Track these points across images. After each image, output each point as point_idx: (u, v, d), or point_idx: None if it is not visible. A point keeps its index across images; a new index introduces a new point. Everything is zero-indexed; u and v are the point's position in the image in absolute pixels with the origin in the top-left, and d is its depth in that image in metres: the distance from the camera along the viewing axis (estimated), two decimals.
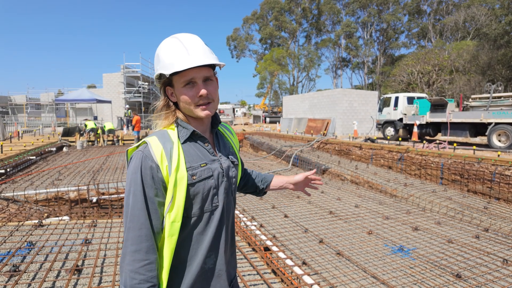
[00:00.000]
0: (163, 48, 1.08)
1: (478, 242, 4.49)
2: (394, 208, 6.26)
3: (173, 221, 1.02)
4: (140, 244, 0.98)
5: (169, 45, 1.08)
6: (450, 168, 7.64)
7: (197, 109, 1.08)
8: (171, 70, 1.03)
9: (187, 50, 1.05)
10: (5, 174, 8.01)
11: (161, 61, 1.07)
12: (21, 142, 13.43)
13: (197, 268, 1.06)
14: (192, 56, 1.04)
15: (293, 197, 7.10)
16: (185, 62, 1.03)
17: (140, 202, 0.99)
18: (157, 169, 1.01)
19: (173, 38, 1.09)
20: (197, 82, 1.06)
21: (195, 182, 1.05)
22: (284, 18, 51.40)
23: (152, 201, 1.00)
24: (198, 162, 1.08)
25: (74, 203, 6.61)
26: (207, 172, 1.08)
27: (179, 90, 1.07)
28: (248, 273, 3.44)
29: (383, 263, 3.86)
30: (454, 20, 37.38)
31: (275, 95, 51.14)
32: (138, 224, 0.98)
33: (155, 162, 1.01)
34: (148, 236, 0.99)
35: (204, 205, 1.07)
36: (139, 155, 1.03)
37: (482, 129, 10.08)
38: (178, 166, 1.02)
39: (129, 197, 1.00)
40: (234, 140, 1.31)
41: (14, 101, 30.67)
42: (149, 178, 1.00)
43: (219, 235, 1.11)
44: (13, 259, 3.49)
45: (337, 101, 16.95)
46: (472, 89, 26.10)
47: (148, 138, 1.07)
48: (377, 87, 45.38)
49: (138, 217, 0.99)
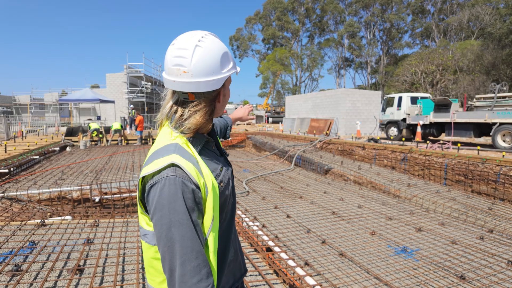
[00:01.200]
0: (225, 47, 1.06)
1: (483, 244, 4.44)
2: (397, 208, 6.22)
3: (215, 235, 0.98)
4: (200, 273, 0.90)
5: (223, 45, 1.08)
6: (454, 169, 7.58)
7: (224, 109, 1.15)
8: (239, 68, 1.10)
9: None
10: (9, 173, 8.05)
11: (232, 60, 1.07)
12: (25, 141, 13.51)
13: (227, 263, 1.10)
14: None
15: (296, 197, 7.08)
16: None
17: (190, 232, 0.90)
18: (198, 191, 0.93)
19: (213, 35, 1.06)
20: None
21: (223, 188, 1.05)
22: (287, 18, 51.35)
23: (198, 224, 0.93)
24: (217, 167, 1.06)
25: (76, 202, 6.63)
26: (226, 175, 1.09)
27: (227, 90, 1.10)
28: (250, 274, 3.42)
29: (386, 264, 3.83)
30: (458, 20, 37.14)
31: (277, 95, 51.08)
32: (193, 254, 0.89)
33: (195, 183, 0.92)
34: (205, 262, 0.92)
35: (229, 206, 1.09)
36: (173, 180, 0.90)
37: (486, 130, 10.00)
38: (211, 180, 0.98)
39: (172, 230, 0.88)
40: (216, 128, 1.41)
41: (18, 101, 30.88)
42: (192, 202, 0.91)
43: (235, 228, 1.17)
44: (15, 259, 3.49)
45: (340, 101, 16.89)
46: (477, 89, 25.93)
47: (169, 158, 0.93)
48: (380, 87, 45.20)
49: (191, 247, 0.89)
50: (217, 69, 0.99)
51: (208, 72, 0.98)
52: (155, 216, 0.90)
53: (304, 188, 7.98)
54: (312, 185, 8.33)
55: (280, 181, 8.83)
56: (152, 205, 0.91)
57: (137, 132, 16.46)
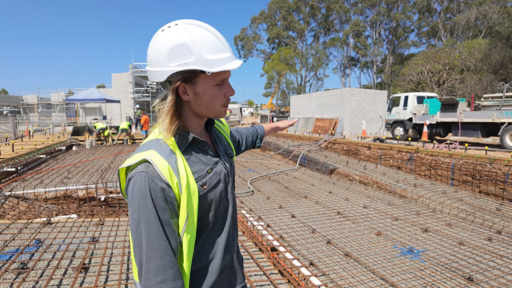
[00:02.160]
0: (198, 40, 0.91)
1: (491, 245, 4.37)
2: (403, 209, 6.15)
3: (191, 238, 0.95)
4: (165, 273, 0.88)
5: (204, 36, 0.93)
6: (461, 169, 7.49)
7: (222, 110, 1.02)
8: (219, 68, 0.92)
9: (224, 45, 0.95)
10: (16, 172, 8.14)
11: (199, 55, 0.91)
12: (32, 141, 13.64)
13: (217, 270, 1.03)
14: (231, 53, 0.96)
15: (301, 197, 7.05)
16: (231, 61, 0.95)
17: (156, 230, 0.88)
18: (168, 189, 0.90)
19: (200, 28, 0.94)
20: (227, 82, 1.00)
21: (207, 192, 0.98)
22: (292, 17, 51.22)
23: (168, 224, 0.90)
24: (204, 169, 0.99)
25: (82, 201, 6.67)
26: (215, 177, 1.02)
27: (207, 89, 0.96)
28: (254, 274, 3.40)
29: (392, 265, 3.78)
30: (465, 18, 36.73)
31: (282, 94, 51.00)
32: (159, 253, 0.88)
33: (165, 181, 0.89)
34: (172, 263, 0.90)
35: (218, 210, 1.03)
36: (143, 176, 0.89)
37: (494, 129, 9.87)
38: (188, 180, 0.92)
39: (140, 225, 0.88)
40: (224, 129, 1.27)
41: (25, 101, 31.22)
42: (161, 200, 0.89)
43: (231, 234, 1.08)
44: (21, 257, 3.52)
45: (345, 101, 16.80)
46: (484, 88, 25.61)
47: (146, 153, 0.92)
48: (386, 86, 44.89)
49: (157, 245, 0.88)
50: (163, 60, 0.92)
51: (153, 62, 0.94)
52: (129, 210, 0.92)
53: (309, 188, 7.94)
54: (317, 185, 8.29)
55: (285, 181, 8.80)
56: (127, 199, 0.93)
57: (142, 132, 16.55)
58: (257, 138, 1.60)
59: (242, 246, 4.04)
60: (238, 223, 1.24)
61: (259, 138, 1.61)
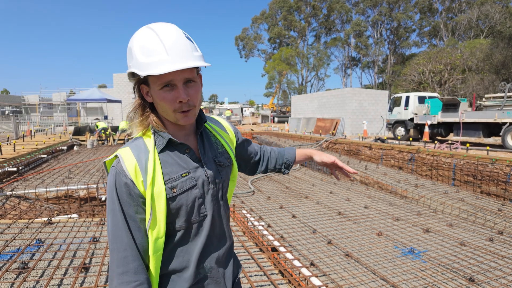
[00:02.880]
0: (136, 42, 0.93)
1: (492, 245, 4.35)
2: (404, 209, 6.14)
3: (157, 237, 0.94)
4: (126, 265, 0.91)
5: (144, 39, 0.92)
6: (462, 169, 7.46)
7: (177, 115, 0.96)
8: (146, 72, 0.90)
9: (165, 48, 0.90)
10: (17, 172, 8.15)
11: (134, 58, 0.93)
12: (34, 140, 13.67)
13: (190, 279, 1.00)
14: (172, 56, 0.90)
15: (301, 197, 7.04)
16: (163, 64, 0.89)
17: (120, 222, 0.91)
18: (132, 185, 0.92)
19: (148, 29, 0.93)
20: (176, 85, 0.93)
21: (176, 195, 0.96)
22: (293, 17, 51.19)
23: (133, 219, 0.93)
24: (178, 172, 0.97)
25: (83, 201, 6.68)
26: (190, 182, 0.98)
27: (155, 92, 0.94)
28: (255, 274, 3.40)
29: (393, 266, 3.77)
30: (467, 18, 36.64)
31: (283, 94, 50.97)
32: (122, 245, 0.91)
33: (129, 178, 0.92)
34: (135, 256, 0.92)
35: (191, 217, 0.99)
36: (113, 171, 0.94)
37: (496, 129, 9.84)
38: (154, 180, 0.93)
39: (108, 216, 0.93)
40: (225, 136, 1.17)
41: (27, 101, 31.30)
42: (126, 195, 0.92)
43: (211, 243, 1.04)
44: (22, 256, 3.52)
45: (346, 101, 16.78)
46: (486, 88, 25.54)
47: (120, 150, 0.97)
48: (388, 86, 44.82)
49: (121, 237, 0.91)
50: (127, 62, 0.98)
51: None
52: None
53: (310, 188, 7.94)
54: (318, 185, 8.28)
55: (286, 181, 8.79)
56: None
57: None
58: (282, 164, 1.39)
59: (242, 246, 4.03)
60: (239, 224, 1.22)
61: (285, 165, 1.39)
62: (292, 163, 1.40)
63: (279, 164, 1.39)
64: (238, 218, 5.04)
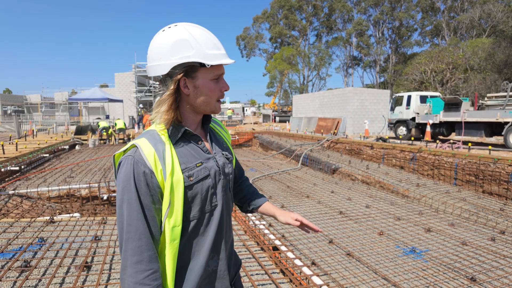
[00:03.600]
0: (197, 36, 1.00)
1: (494, 245, 4.35)
2: (406, 208, 6.13)
3: (174, 225, 0.98)
4: (141, 254, 0.94)
5: (202, 35, 1.02)
6: (464, 169, 7.44)
7: (217, 104, 1.08)
8: (217, 62, 1.00)
9: (218, 44, 1.05)
10: (20, 171, 8.19)
11: (199, 49, 0.99)
12: (36, 140, 13.72)
13: (200, 271, 1.03)
14: (224, 51, 1.05)
15: (303, 196, 7.04)
16: (225, 56, 1.04)
17: (136, 211, 0.94)
18: (151, 174, 0.95)
19: (198, 28, 1.03)
20: (222, 78, 1.08)
21: (193, 183, 1.00)
22: (294, 16, 51.11)
23: (149, 208, 0.96)
24: (193, 162, 1.03)
25: (85, 200, 6.70)
26: (204, 171, 1.04)
27: (205, 82, 1.02)
28: (256, 273, 3.41)
29: (395, 265, 3.77)
30: (469, 17, 36.48)
31: (285, 94, 50.92)
32: (137, 234, 0.94)
33: (148, 167, 0.95)
34: (149, 245, 0.95)
35: (204, 206, 1.04)
36: (130, 160, 0.96)
37: (498, 129, 9.80)
38: (173, 169, 0.97)
39: (123, 206, 0.95)
40: (226, 136, 1.27)
41: (29, 100, 31.38)
42: (144, 184, 0.95)
43: (220, 235, 1.09)
44: (24, 255, 3.54)
45: (348, 100, 16.75)
46: (488, 87, 25.44)
47: (137, 140, 1.00)
48: (389, 86, 44.70)
49: (136, 226, 0.94)
50: (165, 54, 0.99)
51: (155, 57, 1.00)
52: (116, 191, 0.99)
53: (311, 188, 7.93)
54: (319, 185, 8.28)
55: (287, 180, 8.80)
56: (116, 181, 1.00)
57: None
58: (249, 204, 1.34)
59: (244, 245, 4.04)
60: (240, 223, 1.24)
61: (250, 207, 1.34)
62: (256, 209, 1.34)
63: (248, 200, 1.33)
64: (239, 217, 5.05)
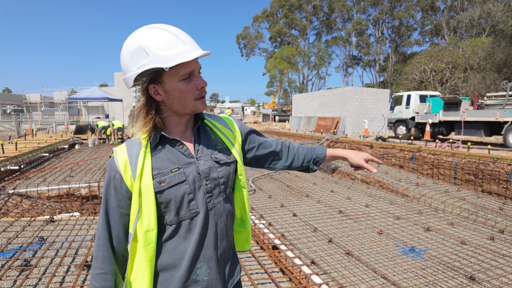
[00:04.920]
0: (150, 40, 0.94)
1: (493, 244, 4.36)
2: (405, 208, 6.14)
3: (147, 230, 0.97)
4: (97, 252, 1.01)
5: (156, 36, 0.94)
6: (464, 168, 7.46)
7: (197, 103, 1.01)
8: (174, 62, 0.92)
9: (181, 40, 0.95)
10: (19, 170, 8.19)
11: (153, 54, 0.93)
12: (35, 139, 13.71)
13: (183, 278, 1.00)
14: (190, 45, 0.95)
15: (302, 196, 7.05)
16: (187, 53, 0.94)
17: (103, 212, 1.01)
18: (120, 179, 0.98)
19: (152, 29, 0.97)
20: (195, 74, 1.00)
21: (164, 189, 0.98)
22: (294, 15, 51.08)
23: (112, 211, 1.00)
24: (169, 167, 1.00)
25: (85, 199, 6.70)
26: (179, 177, 1.00)
27: (173, 85, 0.97)
28: (256, 272, 3.41)
29: (394, 264, 3.78)
30: (469, 17, 36.48)
31: (284, 93, 50.91)
32: (98, 233, 1.01)
33: (118, 172, 0.99)
34: (104, 247, 1.00)
35: (180, 212, 1.00)
36: (108, 164, 1.03)
37: (497, 128, 9.82)
38: (142, 174, 0.97)
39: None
40: (227, 133, 1.15)
41: (29, 100, 31.35)
42: (112, 188, 1.00)
43: (207, 244, 1.03)
44: (24, 254, 3.55)
45: (347, 100, 16.76)
46: (487, 87, 25.45)
47: (118, 146, 1.05)
48: (389, 85, 44.71)
49: (100, 226, 1.01)
50: (128, 66, 0.97)
51: (123, 71, 1.01)
52: None
53: (311, 187, 7.94)
54: (319, 184, 8.29)
55: (287, 180, 8.80)
56: None
57: None
58: (311, 161, 1.31)
59: None
60: None
61: (313, 161, 1.31)
62: (322, 160, 1.31)
63: (307, 160, 1.30)
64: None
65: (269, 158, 1.27)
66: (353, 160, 1.26)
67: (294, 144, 1.34)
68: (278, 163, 1.29)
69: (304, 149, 1.32)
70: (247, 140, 1.22)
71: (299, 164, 1.30)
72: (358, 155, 1.26)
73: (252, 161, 1.26)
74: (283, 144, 1.31)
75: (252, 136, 1.24)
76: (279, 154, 1.28)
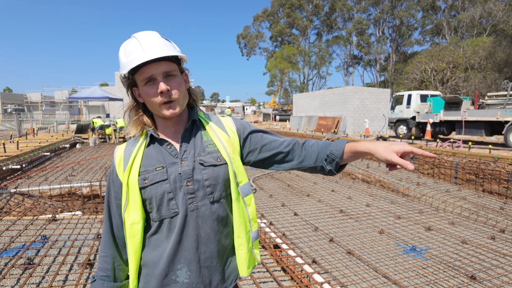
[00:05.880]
0: (121, 49, 1.06)
1: (494, 243, 4.37)
2: (406, 207, 6.15)
3: (133, 222, 1.05)
4: (102, 237, 1.14)
5: (127, 44, 1.04)
6: (464, 168, 7.46)
7: (162, 108, 1.01)
8: (127, 68, 1.01)
9: (142, 46, 1.00)
10: (21, 169, 8.21)
11: (120, 61, 1.05)
12: (36, 138, 13.73)
13: (161, 276, 1.02)
14: (148, 51, 0.99)
15: (303, 195, 7.06)
16: (140, 57, 0.98)
17: (105, 202, 1.13)
18: (115, 173, 1.09)
19: (131, 37, 1.06)
20: (156, 78, 1.00)
21: (147, 186, 1.03)
22: (295, 15, 51.04)
23: (113, 202, 1.11)
24: (154, 165, 1.05)
25: (86, 198, 6.72)
26: (161, 175, 1.03)
27: (141, 90, 1.04)
28: (257, 270, 3.43)
29: (395, 263, 3.79)
30: (470, 16, 36.43)
31: (285, 93, 50.91)
32: (104, 222, 1.14)
33: (115, 167, 1.10)
34: (106, 233, 1.12)
35: (161, 210, 1.03)
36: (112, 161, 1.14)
37: (498, 128, 9.82)
38: (130, 169, 1.05)
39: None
40: (222, 135, 1.10)
41: (29, 99, 31.34)
42: (110, 181, 1.11)
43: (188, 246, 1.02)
44: (27, 252, 3.56)
45: (348, 99, 16.76)
46: (488, 86, 25.43)
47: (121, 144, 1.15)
48: (390, 84, 44.67)
49: (105, 215, 1.13)
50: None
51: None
52: None
53: (312, 186, 7.96)
54: (319, 183, 8.30)
55: (288, 179, 8.82)
56: None
57: None
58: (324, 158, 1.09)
59: None
60: None
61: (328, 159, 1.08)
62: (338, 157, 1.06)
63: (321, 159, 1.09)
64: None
65: (274, 159, 1.15)
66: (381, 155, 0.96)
67: (310, 141, 1.15)
68: (286, 164, 1.15)
69: (319, 145, 1.12)
70: (248, 142, 1.15)
71: (311, 163, 1.11)
72: (388, 148, 0.96)
73: (257, 163, 1.17)
74: (296, 143, 1.14)
75: (255, 137, 1.15)
76: (288, 155, 1.14)
